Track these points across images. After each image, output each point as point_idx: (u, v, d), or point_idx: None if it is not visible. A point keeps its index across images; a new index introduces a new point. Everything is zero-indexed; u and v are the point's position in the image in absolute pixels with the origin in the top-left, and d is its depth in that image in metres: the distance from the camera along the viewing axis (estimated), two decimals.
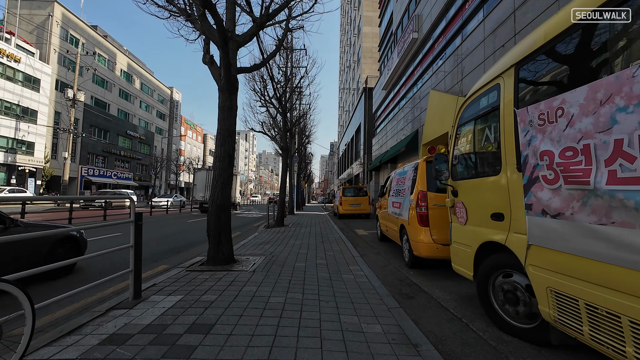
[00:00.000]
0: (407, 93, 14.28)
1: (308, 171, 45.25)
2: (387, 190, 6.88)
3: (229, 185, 4.99)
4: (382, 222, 7.15)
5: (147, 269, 5.32)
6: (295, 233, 9.69)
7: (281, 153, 12.68)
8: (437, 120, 10.18)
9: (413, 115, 13.08)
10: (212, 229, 4.82)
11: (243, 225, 13.34)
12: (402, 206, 5.02)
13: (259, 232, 10.48)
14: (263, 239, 8.65)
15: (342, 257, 5.86)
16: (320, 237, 8.67)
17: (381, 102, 19.61)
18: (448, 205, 3.25)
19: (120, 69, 39.13)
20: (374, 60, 27.64)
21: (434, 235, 4.15)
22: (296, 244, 7.53)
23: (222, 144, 4.89)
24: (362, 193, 16.22)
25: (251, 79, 12.56)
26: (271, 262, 5.24)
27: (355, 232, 10.24)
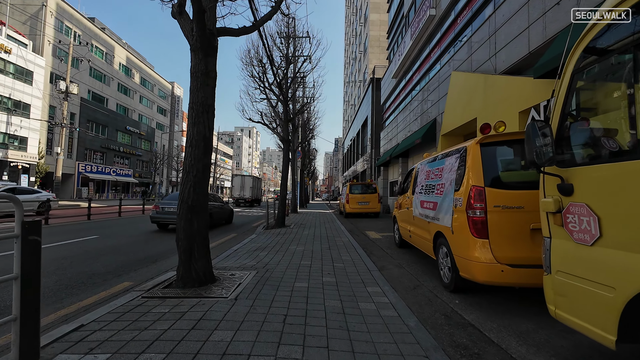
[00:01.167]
0: (421, 79, 12.88)
1: (312, 167, 43.96)
2: (409, 186, 5.56)
3: (205, 180, 3.71)
4: (403, 226, 5.83)
5: (101, 288, 4.08)
6: (298, 236, 8.42)
7: (282, 146, 11.39)
8: (461, 105, 8.81)
9: (429, 103, 11.69)
10: (181, 238, 3.56)
11: (241, 225, 12.11)
12: (440, 207, 3.70)
13: (257, 234, 9.24)
14: (259, 244, 7.40)
15: (356, 272, 4.57)
16: (326, 242, 7.39)
17: (390, 92, 18.20)
18: (547, 209, 1.93)
19: (119, 63, 38.03)
20: (382, 50, 26.14)
21: (496, 250, 2.83)
22: (298, 250, 6.25)
23: (196, 122, 3.61)
24: (371, 190, 14.89)
25: (249, 64, 11.26)
26: (263, 281, 3.97)
27: (367, 235, 8.94)
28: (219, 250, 6.92)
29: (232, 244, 7.78)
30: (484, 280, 2.86)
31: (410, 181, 5.48)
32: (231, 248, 7.03)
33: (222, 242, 8.08)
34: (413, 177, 5.40)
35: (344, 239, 7.96)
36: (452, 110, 9.43)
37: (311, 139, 27.18)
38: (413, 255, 5.87)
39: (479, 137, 3.20)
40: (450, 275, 3.46)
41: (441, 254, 3.76)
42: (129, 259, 5.82)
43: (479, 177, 2.99)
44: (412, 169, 5.69)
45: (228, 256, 6.07)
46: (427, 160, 4.84)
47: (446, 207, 3.51)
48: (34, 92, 25.49)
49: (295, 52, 10.85)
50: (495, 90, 6.99)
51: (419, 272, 4.62)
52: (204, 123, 3.63)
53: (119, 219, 13.11)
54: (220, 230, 10.66)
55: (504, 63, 6.93)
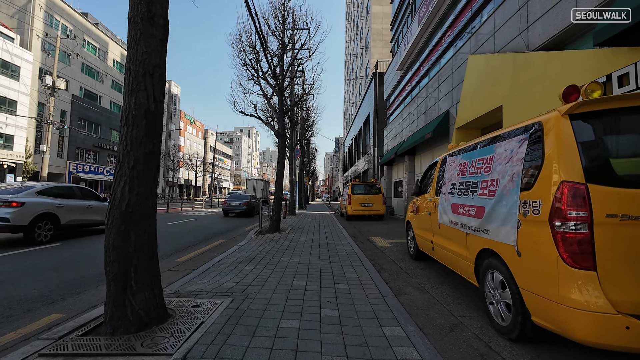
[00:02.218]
0: (431, 68, 11.74)
1: (312, 168, 42.82)
2: (431, 185, 4.40)
3: (149, 175, 2.56)
4: (421, 235, 4.67)
5: (10, 327, 2.93)
6: (293, 243, 7.27)
7: (277, 141, 10.25)
8: (481, 93, 7.66)
9: (441, 94, 10.54)
10: (110, 260, 2.40)
11: (232, 230, 10.96)
12: (490, 214, 2.54)
13: (247, 241, 8.11)
14: (247, 253, 6.26)
15: (364, 297, 3.43)
16: (325, 251, 6.23)
17: (394, 86, 17.06)
18: None
19: (113, 59, 36.91)
20: (385, 44, 24.99)
21: (612, 290, 1.68)
22: (291, 264, 5.10)
23: (134, 90, 2.46)
24: (375, 190, 13.73)
25: (241, 50, 10.12)
26: (236, 317, 2.82)
27: (372, 242, 7.78)
28: (197, 262, 5.77)
29: (215, 253, 6.65)
30: (590, 341, 1.70)
31: (433, 179, 4.33)
32: (213, 259, 5.89)
33: (204, 251, 6.93)
34: (436, 173, 4.24)
35: (347, 247, 6.80)
36: (469, 99, 8.28)
37: (310, 137, 26.04)
38: (435, 270, 4.70)
39: (566, 106, 2.03)
40: (512, 316, 2.30)
41: (492, 282, 2.60)
42: (81, 276, 4.67)
43: (574, 167, 1.84)
44: (434, 163, 4.53)
45: (205, 272, 4.93)
46: (456, 150, 3.69)
47: (503, 214, 2.36)
48: (21, 88, 24.36)
49: (294, 34, 9.70)
50: (528, 71, 5.85)
51: (452, 300, 3.46)
52: (147, 91, 2.48)
53: None
54: (208, 234, 9.51)
55: (539, 38, 5.78)
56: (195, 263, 5.73)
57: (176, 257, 6.34)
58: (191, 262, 5.80)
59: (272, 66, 9.50)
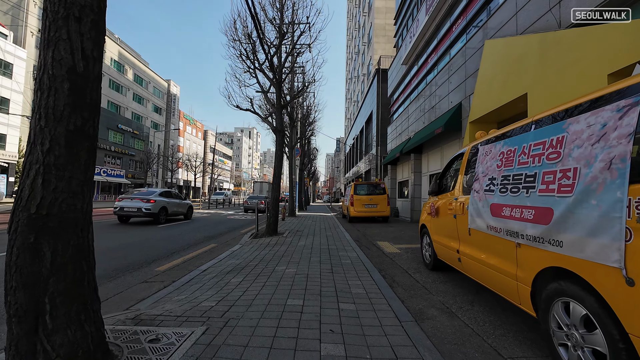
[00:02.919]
0: (440, 59, 10.98)
1: (313, 168, 42.06)
2: (456, 180, 3.63)
3: (75, 163, 1.79)
4: (442, 241, 3.90)
5: None
6: (291, 249, 6.50)
7: (275, 137, 9.51)
8: (500, 82, 6.89)
9: (452, 85, 9.78)
10: (12, 287, 1.64)
11: (226, 232, 10.21)
12: (566, 220, 1.77)
13: (241, 245, 7.37)
14: (238, 260, 5.52)
15: (378, 324, 2.67)
16: (327, 258, 5.46)
17: (399, 81, 16.31)
18: None
19: (111, 58, 36.32)
20: (388, 39, 24.24)
21: None
22: (287, 275, 4.33)
23: (52, 39, 1.70)
24: (379, 190, 12.95)
25: (236, 39, 9.38)
26: (207, 358, 2.06)
27: (379, 247, 7.00)
28: (179, 271, 5.02)
29: (203, 260, 5.90)
30: None
31: (459, 173, 3.55)
32: (198, 268, 5.15)
33: (191, 257, 6.17)
34: (463, 166, 3.47)
35: (351, 253, 6.03)
36: (485, 89, 7.52)
37: (311, 136, 25.29)
38: (460, 284, 3.92)
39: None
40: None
41: (565, 316, 1.82)
42: (189, 239, 3.90)
43: None
44: (459, 155, 3.76)
45: (185, 284, 4.19)
46: (497, 135, 2.92)
47: (594, 219, 1.58)
48: (14, 86, 23.72)
49: (293, 20, 8.96)
50: (561, 52, 5.07)
51: (492, 330, 2.67)
52: (70, 41, 1.72)
53: None
54: (200, 238, 8.75)
55: (570, 13, 5.00)
56: (178, 273, 4.97)
57: (158, 264, 5.59)
58: (173, 272, 5.05)
59: (268, 56, 8.77)
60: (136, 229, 10.29)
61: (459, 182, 3.47)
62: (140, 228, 10.76)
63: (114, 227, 10.67)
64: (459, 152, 3.77)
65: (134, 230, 9.89)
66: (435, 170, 11.69)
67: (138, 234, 9.24)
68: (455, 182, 3.65)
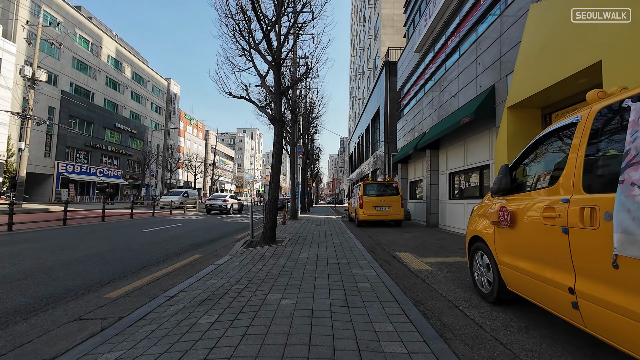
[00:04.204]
0: (464, 39, 9.56)
1: (316, 169, 40.69)
2: (563, 170, 2.19)
3: None
4: (523, 267, 2.51)
5: None
6: (290, 264, 5.10)
7: (274, 129, 8.15)
8: (554, 52, 5.48)
9: (481, 67, 8.37)
10: None
11: (218, 239, 8.83)
12: None
13: (230, 257, 6.01)
14: (220, 282, 4.14)
15: None
16: (338, 281, 4.04)
17: (411, 72, 14.90)
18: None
19: (108, 55, 35.22)
20: (396, 30, 22.87)
21: None
22: (282, 312, 2.92)
23: None
24: (392, 191, 11.54)
25: (228, 15, 8.04)
26: None
27: (402, 262, 5.58)
28: (136, 300, 3.65)
29: (176, 280, 4.54)
30: None
31: (572, 155, 2.11)
32: (165, 293, 3.81)
33: (163, 275, 4.80)
34: (582, 142, 2.02)
35: (368, 271, 4.62)
36: (530, 65, 6.09)
37: (314, 134, 23.92)
38: (553, 335, 2.50)
39: None
40: None
41: None
42: None
43: None
44: (562, 127, 2.32)
45: (130, 327, 2.82)
46: None
47: None
48: (1, 82, 22.58)
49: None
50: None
51: None
52: None
53: (82, 226, 9.88)
54: (185, 246, 7.37)
55: None
56: (134, 301, 3.60)
57: (115, 286, 4.22)
58: (128, 300, 3.67)
59: (266, 30, 7.43)
60: (122, 234, 8.94)
61: (571, 172, 2.05)
62: (128, 232, 9.40)
63: (100, 231, 9.33)
64: (560, 125, 2.33)
65: (118, 236, 8.53)
66: (457, 167, 10.26)
67: (118, 240, 7.89)
68: (558, 171, 2.23)
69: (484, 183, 8.74)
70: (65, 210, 10.70)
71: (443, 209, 11.22)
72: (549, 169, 2.42)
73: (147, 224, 12.50)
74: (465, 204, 9.48)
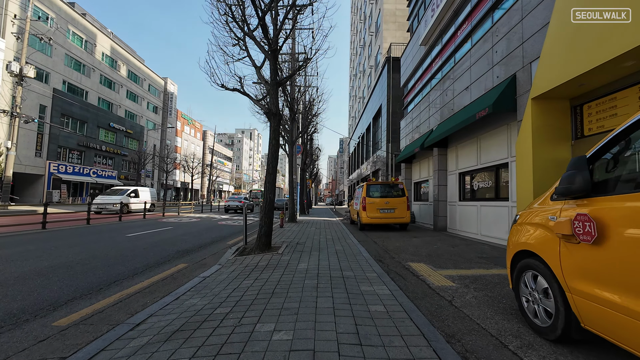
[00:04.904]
0: (477, 27, 8.81)
1: (315, 169, 39.92)
2: None
3: None
4: (623, 304, 1.67)
5: None
6: (286, 278, 4.31)
7: (270, 123, 7.41)
8: (592, 32, 4.73)
9: (497, 56, 7.63)
10: None
11: (209, 244, 8.03)
12: None
13: (219, 267, 5.26)
14: (200, 304, 3.35)
15: None
16: (345, 302, 3.24)
17: (416, 67, 14.16)
18: None
19: (102, 53, 34.39)
20: (399, 25, 22.15)
21: None
22: (274, 352, 2.14)
23: None
24: (397, 192, 10.78)
25: None
26: None
27: (418, 276, 4.80)
28: (92, 329, 2.86)
29: (152, 297, 3.80)
30: None
31: None
32: (129, 320, 3.07)
33: (136, 292, 4.01)
34: None
35: (379, 287, 3.85)
36: (561, 48, 5.35)
37: (314, 133, 23.14)
38: None
39: None
40: None
41: None
42: None
43: None
44: None
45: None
46: None
47: None
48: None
49: None
50: None
51: None
52: None
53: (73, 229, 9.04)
54: (170, 253, 6.56)
55: None
56: (86, 333, 2.82)
57: (70, 309, 3.44)
58: (79, 330, 2.89)
59: (261, 13, 6.68)
60: (103, 239, 8.12)
61: None
62: (111, 236, 8.58)
63: (81, 235, 8.50)
64: None
65: (98, 242, 7.72)
66: (468, 167, 9.50)
67: (97, 246, 7.07)
68: None
69: (500, 183, 7.99)
70: (45, 213, 9.89)
71: (452, 212, 10.46)
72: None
73: (135, 227, 11.69)
74: (479, 207, 8.72)
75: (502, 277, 4.45)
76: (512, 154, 7.29)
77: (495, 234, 7.81)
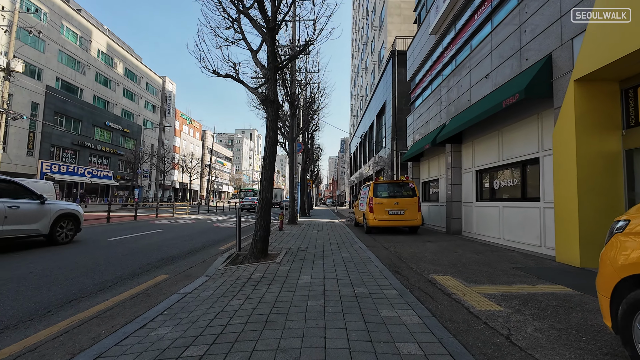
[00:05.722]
0: (499, 7, 7.91)
1: (316, 170, 39.00)
2: None
3: None
4: None
5: None
6: (285, 297, 3.36)
7: (266, 112, 6.55)
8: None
9: (527, 36, 6.72)
10: None
11: (200, 250, 7.12)
12: None
13: (206, 279, 4.35)
14: (172, 335, 2.39)
15: None
16: (362, 338, 2.26)
17: (424, 58, 13.26)
18: None
19: (98, 50, 33.55)
20: (404, 19, 21.26)
21: None
22: None
23: None
24: (407, 192, 9.86)
25: None
26: None
27: (449, 294, 3.87)
28: None
29: (110, 325, 2.87)
30: None
31: None
32: (83, 352, 2.09)
33: (92, 316, 3.09)
34: None
35: (405, 314, 2.91)
36: (617, 18, 4.44)
37: (315, 131, 22.24)
38: None
39: None
40: None
41: None
42: None
43: None
44: None
45: None
46: None
47: None
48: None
49: None
50: None
51: None
52: None
53: None
54: (152, 261, 5.63)
55: None
56: None
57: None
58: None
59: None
60: (80, 243, 7.20)
61: None
62: (92, 240, 7.65)
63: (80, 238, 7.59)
64: None
65: (76, 247, 6.79)
66: (488, 163, 8.57)
67: (69, 252, 6.14)
68: None
69: (527, 181, 7.07)
70: None
71: (468, 213, 9.53)
72: None
73: (123, 229, 10.78)
74: (501, 208, 7.80)
75: (558, 297, 3.53)
76: (544, 147, 6.37)
77: (523, 239, 6.88)
